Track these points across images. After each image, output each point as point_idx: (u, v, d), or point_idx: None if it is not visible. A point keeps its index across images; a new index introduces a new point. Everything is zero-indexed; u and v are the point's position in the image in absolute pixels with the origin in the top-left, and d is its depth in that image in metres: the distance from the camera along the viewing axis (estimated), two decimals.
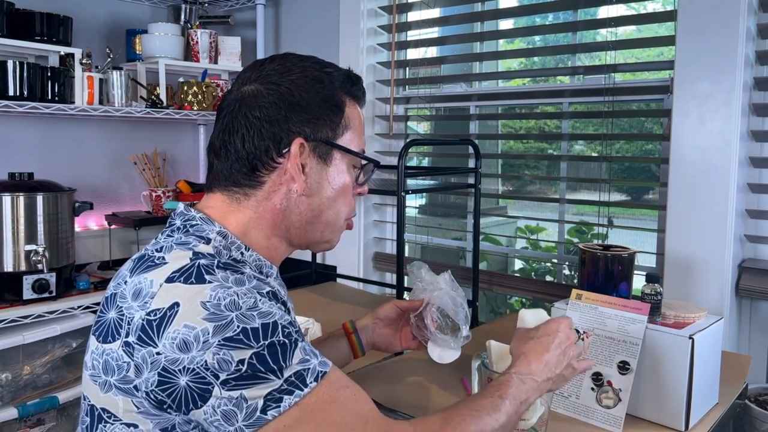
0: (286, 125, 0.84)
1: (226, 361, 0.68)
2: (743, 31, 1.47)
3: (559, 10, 1.96)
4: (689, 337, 1.06)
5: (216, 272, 0.73)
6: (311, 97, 0.85)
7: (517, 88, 2.15)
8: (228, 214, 0.86)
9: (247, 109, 0.84)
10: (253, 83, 0.86)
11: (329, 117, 0.87)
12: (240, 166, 0.85)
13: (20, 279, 1.82)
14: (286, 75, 0.86)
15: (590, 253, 1.23)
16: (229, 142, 0.85)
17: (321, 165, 0.87)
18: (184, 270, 0.73)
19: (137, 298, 0.73)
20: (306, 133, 0.85)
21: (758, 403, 1.39)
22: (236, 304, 0.70)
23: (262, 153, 0.84)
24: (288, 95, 0.84)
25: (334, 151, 0.88)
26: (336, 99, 0.88)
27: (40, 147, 2.25)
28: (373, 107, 2.25)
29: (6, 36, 1.88)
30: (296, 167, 0.84)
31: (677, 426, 1.08)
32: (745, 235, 1.59)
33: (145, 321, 0.71)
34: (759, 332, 1.59)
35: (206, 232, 0.82)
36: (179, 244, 0.79)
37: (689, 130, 1.56)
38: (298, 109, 0.84)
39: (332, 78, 0.88)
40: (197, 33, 2.33)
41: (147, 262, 0.77)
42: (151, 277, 0.74)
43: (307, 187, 0.86)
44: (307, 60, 0.90)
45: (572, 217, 1.99)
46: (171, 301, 0.71)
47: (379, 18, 2.23)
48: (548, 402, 1.03)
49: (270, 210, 0.86)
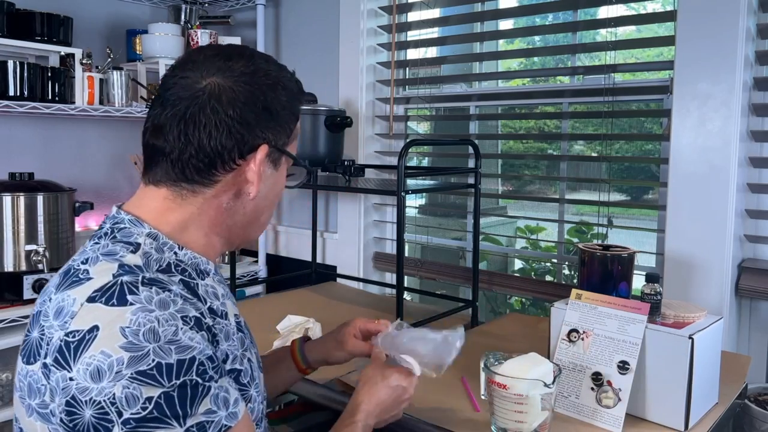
0: (255, 129, 0.82)
1: (134, 396, 0.65)
2: (743, 31, 1.47)
3: (559, 11, 1.96)
4: (689, 337, 1.06)
5: (139, 291, 0.70)
6: (278, 102, 0.84)
7: (517, 88, 2.15)
8: (167, 211, 0.83)
9: (217, 103, 0.80)
10: (222, 77, 0.81)
11: (288, 124, 0.87)
12: (197, 161, 0.80)
13: (20, 279, 1.83)
14: (258, 77, 0.83)
15: (590, 253, 1.23)
16: (193, 134, 0.80)
17: (271, 170, 0.87)
18: (106, 289, 0.70)
19: (58, 317, 0.70)
20: (269, 139, 0.84)
21: (758, 402, 1.39)
22: (155, 334, 0.67)
23: (225, 152, 0.81)
24: (261, 98, 0.83)
25: (282, 157, 0.89)
26: (295, 107, 0.88)
27: (40, 147, 2.25)
28: (373, 107, 2.25)
29: (6, 36, 1.88)
30: (258, 172, 0.83)
31: (677, 426, 1.09)
32: (745, 235, 1.59)
33: (63, 342, 0.68)
34: (759, 332, 1.59)
35: (134, 237, 0.79)
36: (105, 255, 0.76)
37: (689, 130, 1.56)
38: (267, 113, 0.83)
39: (292, 86, 0.88)
40: (197, 33, 2.33)
41: (71, 277, 0.74)
42: (73, 294, 0.71)
43: (259, 191, 0.86)
44: (270, 62, 0.87)
45: (572, 217, 1.99)
46: (91, 323, 0.67)
47: (379, 18, 2.23)
48: (551, 406, 1.03)
49: (215, 208, 0.84)
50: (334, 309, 1.84)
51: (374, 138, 2.26)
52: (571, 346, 1.16)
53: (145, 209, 0.83)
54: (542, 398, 1.01)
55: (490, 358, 1.10)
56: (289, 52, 2.46)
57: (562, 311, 1.19)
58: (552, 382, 1.01)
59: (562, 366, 1.12)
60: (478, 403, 1.18)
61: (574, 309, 1.18)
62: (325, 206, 2.36)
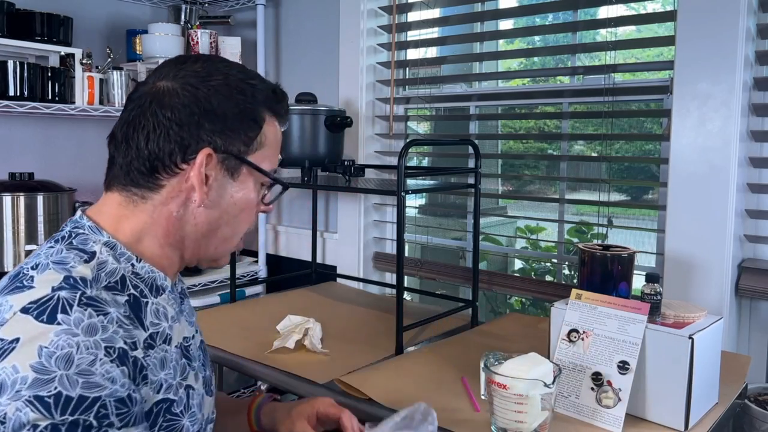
0: (197, 132, 0.80)
1: (22, 421, 0.61)
2: (743, 31, 1.47)
3: (559, 11, 1.96)
4: (689, 337, 1.06)
5: (71, 312, 0.67)
6: (229, 107, 0.81)
7: (517, 88, 2.16)
8: (122, 219, 0.81)
9: (158, 106, 0.79)
10: (170, 80, 0.81)
11: (244, 130, 0.83)
12: (139, 165, 0.80)
13: None
14: (207, 79, 0.81)
15: (590, 253, 1.23)
16: (132, 138, 0.80)
17: (226, 178, 0.83)
18: (42, 302, 0.68)
19: None
20: (216, 144, 0.80)
21: (758, 403, 1.39)
22: (69, 361, 0.64)
23: (165, 155, 0.79)
24: (205, 101, 0.80)
25: (243, 167, 0.84)
26: (255, 113, 0.84)
27: (40, 147, 2.25)
28: (373, 107, 2.25)
29: (6, 36, 1.88)
30: (199, 177, 0.80)
31: (677, 426, 1.09)
32: (745, 235, 1.59)
33: None
34: (759, 332, 1.59)
35: (90, 244, 0.78)
36: (55, 263, 0.73)
37: (689, 130, 1.56)
38: (212, 117, 0.80)
39: (255, 90, 0.85)
40: (197, 33, 2.33)
41: (17, 282, 0.72)
42: (12, 301, 0.69)
43: (208, 199, 0.82)
44: (232, 67, 0.85)
45: (572, 217, 1.99)
46: (15, 335, 0.65)
47: (379, 18, 2.23)
48: (551, 406, 1.03)
49: (166, 216, 0.82)
50: (334, 309, 1.84)
51: (374, 138, 2.26)
52: (571, 346, 1.16)
53: (104, 216, 0.82)
54: (542, 398, 1.01)
55: (490, 358, 1.10)
56: (289, 52, 2.46)
57: (562, 311, 1.19)
58: (552, 382, 1.01)
59: (562, 366, 1.12)
60: (478, 403, 1.18)
61: (574, 309, 1.18)
62: (325, 206, 2.36)
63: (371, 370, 1.34)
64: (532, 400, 1.01)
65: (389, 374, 1.32)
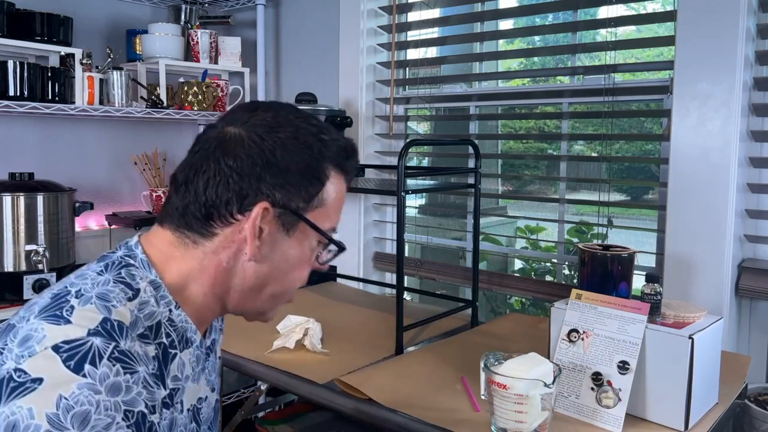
0: (257, 183, 0.77)
1: None
2: (743, 31, 1.47)
3: (559, 11, 1.96)
4: (689, 337, 1.06)
5: (100, 365, 0.65)
6: (293, 161, 0.78)
7: (517, 88, 2.16)
8: (172, 259, 0.79)
9: (221, 153, 0.77)
10: (239, 127, 0.79)
11: (305, 187, 0.79)
12: (195, 210, 0.78)
13: (20, 279, 1.83)
14: (276, 130, 0.78)
15: (590, 253, 1.23)
16: (192, 181, 0.78)
17: (281, 234, 0.80)
18: (74, 346, 0.65)
19: (21, 345, 0.66)
20: (275, 198, 0.77)
21: (758, 403, 1.39)
22: (86, 421, 0.62)
23: (222, 204, 0.77)
24: (269, 153, 0.77)
25: (300, 223, 0.80)
26: (319, 170, 0.80)
27: (40, 147, 2.25)
28: (373, 107, 2.25)
29: (6, 36, 1.88)
30: (253, 230, 0.77)
31: (677, 426, 1.09)
32: (745, 235, 1.59)
33: (8, 375, 0.64)
34: (759, 332, 1.59)
35: (137, 281, 0.76)
36: (99, 299, 0.71)
37: (689, 130, 1.56)
38: (275, 170, 0.77)
39: (324, 146, 0.81)
40: (197, 33, 2.33)
41: (57, 308, 0.69)
42: (46, 330, 0.67)
43: (259, 253, 0.79)
44: (304, 119, 0.82)
45: (572, 217, 1.99)
46: (39, 373, 0.63)
47: (379, 18, 2.23)
48: (551, 406, 1.03)
49: (215, 265, 0.79)
50: (334, 309, 1.84)
51: (374, 138, 2.26)
52: (571, 346, 1.16)
53: (155, 250, 0.80)
54: (542, 398, 1.01)
55: (490, 358, 1.10)
56: (289, 52, 2.46)
57: (562, 311, 1.19)
58: (552, 382, 1.01)
59: (562, 366, 1.12)
60: (478, 403, 1.18)
61: (574, 309, 1.18)
62: None
63: (371, 370, 1.34)
64: (532, 400, 1.01)
65: (389, 374, 1.32)
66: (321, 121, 0.83)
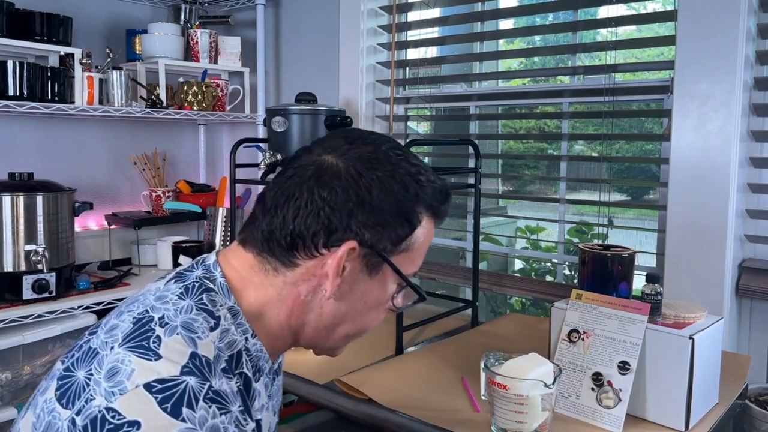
0: (348, 220, 0.74)
1: None
2: (743, 31, 1.47)
3: (559, 10, 1.96)
4: (689, 337, 1.06)
5: (197, 408, 0.63)
6: (388, 201, 0.75)
7: (517, 88, 2.15)
8: (250, 284, 0.77)
9: (316, 183, 0.74)
10: (337, 158, 0.76)
11: (395, 229, 0.76)
12: (281, 237, 0.75)
13: (20, 279, 1.82)
14: (374, 166, 0.76)
15: (590, 253, 1.23)
16: (282, 207, 0.75)
17: (363, 274, 0.77)
18: (169, 386, 0.63)
19: (109, 379, 0.64)
20: (363, 237, 0.74)
21: (758, 403, 1.39)
22: None
23: (308, 236, 0.74)
24: (365, 190, 0.74)
25: (384, 265, 0.77)
26: (412, 214, 0.77)
27: (40, 147, 2.25)
28: (373, 107, 2.25)
29: (6, 36, 1.88)
30: (336, 268, 0.74)
31: (677, 426, 1.09)
32: (745, 235, 1.59)
33: (101, 415, 0.62)
34: (759, 332, 1.59)
35: (217, 308, 0.74)
36: (184, 329, 0.69)
37: (689, 130, 1.56)
38: (368, 208, 0.74)
39: (420, 188, 0.77)
40: (197, 33, 2.33)
41: (142, 337, 0.67)
42: (135, 365, 0.65)
43: (339, 291, 0.76)
44: (403, 158, 0.78)
45: (572, 217, 1.99)
46: (136, 416, 0.61)
47: (379, 18, 2.23)
48: (551, 406, 1.03)
49: (293, 297, 0.77)
50: None
51: None
52: (571, 347, 1.16)
53: (234, 272, 0.78)
54: (542, 398, 1.01)
55: (490, 358, 1.10)
56: (289, 52, 2.46)
57: (563, 311, 1.19)
58: (552, 383, 1.01)
59: (562, 366, 1.12)
60: (478, 403, 1.18)
61: (574, 309, 1.18)
62: None
63: (371, 370, 1.33)
64: (532, 400, 1.01)
65: (389, 374, 1.32)
66: (419, 160, 0.80)
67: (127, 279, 2.18)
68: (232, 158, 2.05)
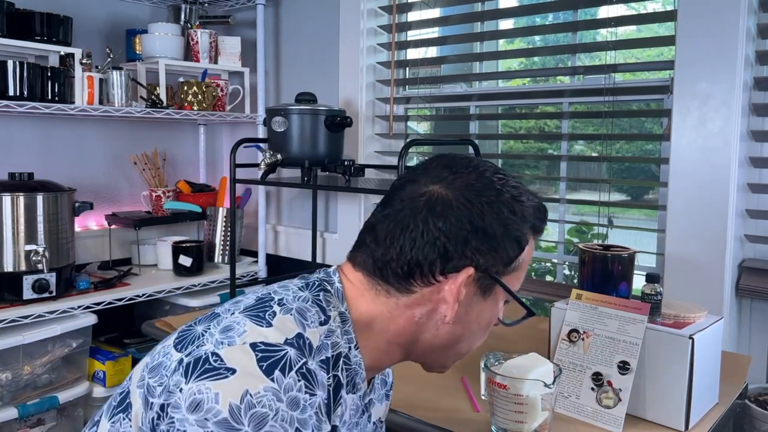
0: (463, 247, 0.77)
1: None
2: (743, 31, 1.47)
3: (559, 10, 1.96)
4: (689, 337, 1.06)
5: (287, 375, 0.66)
6: (498, 226, 0.78)
7: (517, 88, 2.15)
8: (362, 297, 0.80)
9: (430, 213, 0.77)
10: (445, 188, 0.79)
11: (507, 252, 0.79)
12: (396, 267, 0.78)
13: (20, 279, 1.82)
14: (482, 194, 0.78)
15: (590, 253, 1.23)
16: (397, 238, 0.78)
17: (478, 297, 0.80)
18: (271, 349, 0.68)
19: (222, 333, 0.70)
20: (479, 263, 0.77)
21: (758, 403, 1.39)
22: (262, 423, 0.63)
23: (425, 264, 0.77)
24: (477, 217, 0.77)
25: (496, 287, 0.80)
26: (520, 235, 0.80)
27: (40, 147, 2.25)
28: (373, 107, 2.25)
29: (6, 36, 1.88)
30: (456, 295, 0.77)
31: (677, 426, 1.09)
32: (745, 235, 1.59)
33: (204, 357, 0.67)
34: (759, 332, 1.59)
35: (330, 308, 0.77)
36: (298, 313, 0.74)
37: (689, 130, 1.56)
38: (481, 235, 0.77)
39: (524, 209, 0.80)
40: (197, 33, 2.33)
41: (261, 309, 0.73)
42: (248, 327, 0.70)
43: (456, 315, 0.79)
44: (505, 183, 0.81)
45: (572, 217, 1.99)
46: (234, 364, 0.66)
47: (379, 18, 2.23)
48: (551, 406, 1.03)
49: (406, 319, 0.79)
50: None
51: (374, 138, 2.26)
52: (571, 346, 1.16)
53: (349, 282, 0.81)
54: (542, 398, 1.01)
55: (490, 358, 1.10)
56: (289, 52, 2.46)
57: (563, 311, 1.19)
58: (552, 383, 1.01)
59: (562, 366, 1.12)
60: (478, 403, 1.18)
61: (574, 309, 1.18)
62: (325, 206, 2.36)
63: None
64: (532, 400, 1.01)
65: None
66: (517, 181, 0.83)
67: (127, 279, 2.18)
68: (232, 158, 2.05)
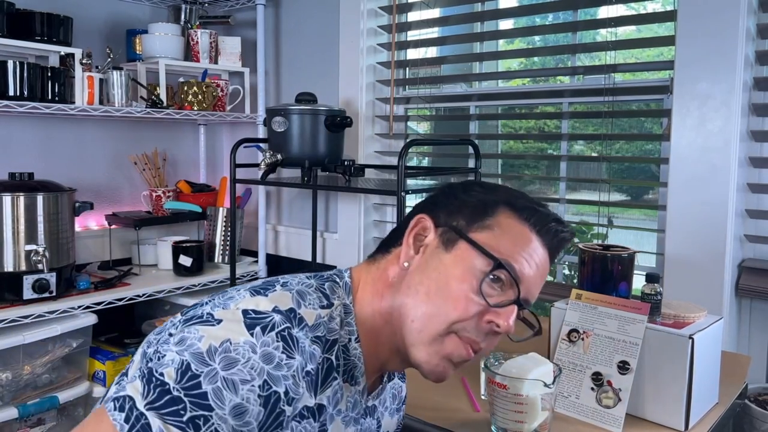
0: (426, 204, 0.87)
1: (163, 365, 0.66)
2: (743, 31, 1.47)
3: (559, 10, 1.96)
4: (689, 337, 1.06)
5: (267, 333, 0.70)
6: (463, 194, 0.85)
7: (517, 88, 2.15)
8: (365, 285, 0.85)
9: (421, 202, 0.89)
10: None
11: (472, 212, 0.82)
12: (386, 239, 0.89)
13: (20, 279, 1.83)
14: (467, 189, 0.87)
15: (590, 253, 1.23)
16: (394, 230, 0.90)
17: (440, 249, 0.81)
18: (259, 316, 0.71)
19: (222, 300, 0.75)
20: (438, 217, 0.83)
21: (758, 403, 1.39)
22: (230, 365, 0.66)
23: (401, 229, 0.86)
24: (460, 196, 0.85)
25: (459, 241, 0.80)
26: (487, 201, 0.83)
27: (40, 147, 2.25)
28: (373, 107, 2.25)
29: (6, 36, 1.88)
30: (406, 239, 0.83)
31: (677, 426, 1.09)
32: (745, 235, 1.59)
33: (198, 314, 0.72)
34: (759, 332, 1.59)
35: (335, 297, 0.80)
36: (298, 294, 0.76)
37: (689, 130, 1.56)
38: (451, 199, 0.85)
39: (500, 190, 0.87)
40: (197, 33, 2.33)
41: (263, 287, 0.77)
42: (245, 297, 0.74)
43: (416, 262, 0.81)
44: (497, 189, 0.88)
45: (572, 217, 1.99)
46: (220, 318, 0.71)
47: (379, 18, 2.23)
48: (551, 406, 1.03)
49: (384, 282, 0.83)
50: None
51: (374, 138, 2.26)
52: (571, 346, 1.16)
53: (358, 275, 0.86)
54: (542, 398, 1.01)
55: (490, 358, 1.10)
56: (289, 52, 2.46)
57: (562, 311, 1.19)
58: (552, 383, 1.01)
59: (562, 366, 1.12)
60: (478, 403, 1.18)
61: (574, 309, 1.18)
62: (325, 206, 2.36)
63: None
64: (532, 400, 1.01)
65: None
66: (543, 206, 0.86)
67: (128, 279, 2.18)
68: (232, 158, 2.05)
